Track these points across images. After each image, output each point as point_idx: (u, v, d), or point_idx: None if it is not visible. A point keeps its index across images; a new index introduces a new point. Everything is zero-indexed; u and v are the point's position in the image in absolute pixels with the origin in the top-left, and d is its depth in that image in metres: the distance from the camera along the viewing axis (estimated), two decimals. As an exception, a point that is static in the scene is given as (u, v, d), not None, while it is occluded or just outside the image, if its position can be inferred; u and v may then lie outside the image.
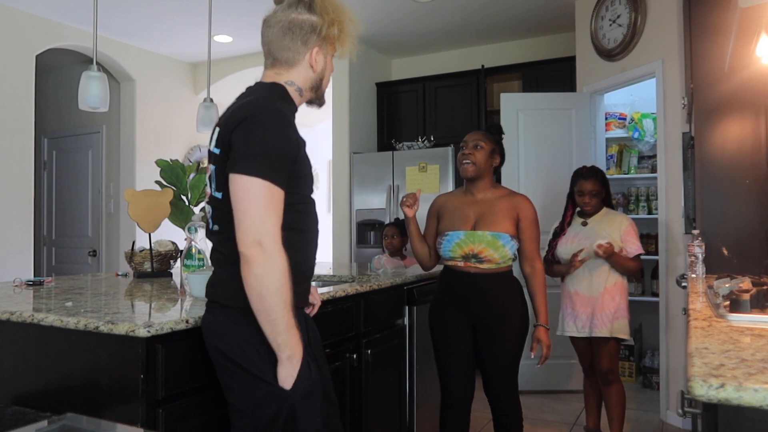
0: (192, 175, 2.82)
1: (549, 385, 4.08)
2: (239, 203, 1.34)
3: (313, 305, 1.76)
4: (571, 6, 4.47)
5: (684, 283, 2.50)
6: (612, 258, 2.85)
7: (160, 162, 2.80)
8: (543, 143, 4.19)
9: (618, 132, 4.51)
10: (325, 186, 7.62)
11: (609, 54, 3.99)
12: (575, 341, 3.04)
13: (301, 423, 1.40)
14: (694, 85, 2.81)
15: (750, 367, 0.98)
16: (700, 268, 2.43)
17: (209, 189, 1.52)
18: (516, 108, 4.22)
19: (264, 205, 1.34)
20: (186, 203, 2.81)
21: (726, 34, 2.56)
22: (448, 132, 5.15)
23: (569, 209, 3.08)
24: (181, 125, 5.84)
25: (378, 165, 5.03)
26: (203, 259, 2.16)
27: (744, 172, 2.68)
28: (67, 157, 5.85)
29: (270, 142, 1.37)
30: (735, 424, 0.91)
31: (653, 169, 4.25)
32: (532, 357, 2.50)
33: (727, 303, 1.62)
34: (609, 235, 2.89)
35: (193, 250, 2.17)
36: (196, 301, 1.88)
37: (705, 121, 2.76)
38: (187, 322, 1.56)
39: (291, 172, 1.42)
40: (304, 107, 1.62)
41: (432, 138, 5.16)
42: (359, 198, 5.11)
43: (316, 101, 1.63)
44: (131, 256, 2.73)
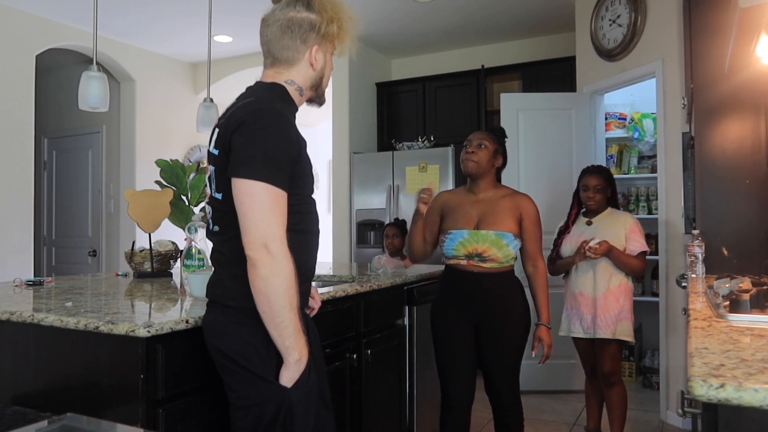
0: (192, 175, 2.82)
1: (549, 385, 4.08)
2: (243, 207, 1.34)
3: (313, 308, 1.76)
4: (571, 6, 4.47)
5: (684, 283, 2.50)
6: (612, 254, 2.84)
7: (160, 162, 2.80)
8: (543, 143, 4.19)
9: (618, 132, 4.51)
10: (325, 186, 7.61)
11: (609, 54, 3.99)
12: (578, 342, 3.04)
13: (298, 423, 1.41)
14: (694, 85, 2.81)
15: (750, 367, 0.99)
16: (700, 268, 2.43)
17: (209, 190, 1.52)
18: (516, 108, 4.23)
19: (268, 209, 1.34)
20: (186, 203, 2.81)
21: (726, 34, 2.56)
22: (448, 132, 5.15)
23: (574, 207, 3.08)
24: (181, 125, 5.84)
25: (378, 165, 5.03)
26: (203, 259, 2.16)
27: (744, 172, 2.68)
28: (67, 157, 5.85)
29: (271, 144, 1.36)
30: (735, 424, 0.91)
31: (653, 169, 4.25)
32: (533, 356, 2.50)
33: (727, 303, 1.62)
34: (614, 234, 2.88)
35: (193, 250, 2.17)
36: (196, 301, 1.88)
37: (705, 121, 2.76)
38: (187, 322, 1.56)
39: (292, 172, 1.41)
40: (304, 106, 1.61)
41: (432, 138, 5.16)
42: (359, 198, 5.11)
43: (316, 100, 1.62)
44: (131, 256, 2.73)
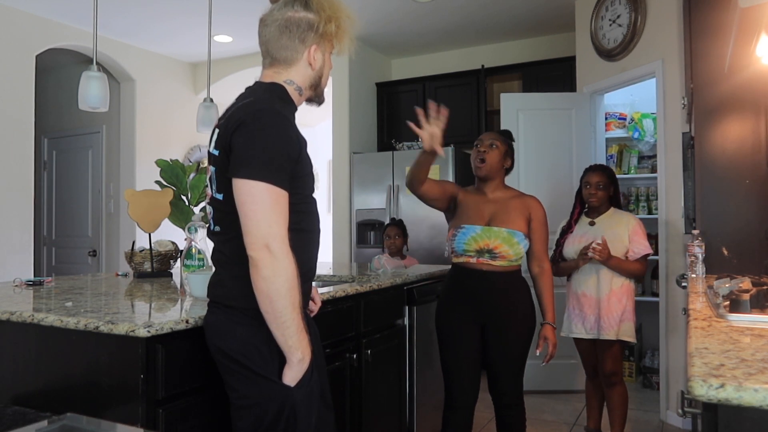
0: (192, 175, 2.82)
1: (549, 385, 4.08)
2: (244, 208, 1.34)
3: (312, 311, 1.76)
4: (571, 6, 4.47)
5: (684, 283, 2.50)
6: (612, 263, 2.83)
7: (160, 162, 2.80)
8: (543, 143, 4.19)
9: (618, 132, 4.51)
10: (325, 186, 7.61)
11: (609, 54, 3.99)
12: (580, 343, 3.03)
13: (300, 422, 1.41)
14: (694, 85, 2.81)
15: (750, 367, 0.98)
16: (700, 268, 2.43)
17: (210, 190, 1.52)
18: (516, 108, 4.22)
19: (269, 209, 1.34)
20: (186, 203, 2.81)
21: (726, 34, 2.56)
22: (448, 132, 5.06)
23: (577, 207, 3.09)
24: (181, 125, 5.84)
25: (378, 165, 5.03)
26: (203, 259, 2.16)
27: (744, 172, 2.68)
28: (67, 157, 5.85)
29: (271, 144, 1.36)
30: (735, 424, 0.91)
31: (653, 169, 4.25)
32: (537, 354, 2.50)
33: (727, 303, 1.62)
34: (617, 235, 2.88)
35: (193, 250, 2.17)
36: (196, 301, 1.88)
37: (705, 121, 2.76)
38: (187, 322, 1.56)
39: (293, 172, 1.41)
40: (303, 106, 1.61)
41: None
42: (359, 198, 5.11)
43: (315, 99, 1.62)
44: (131, 256, 2.73)
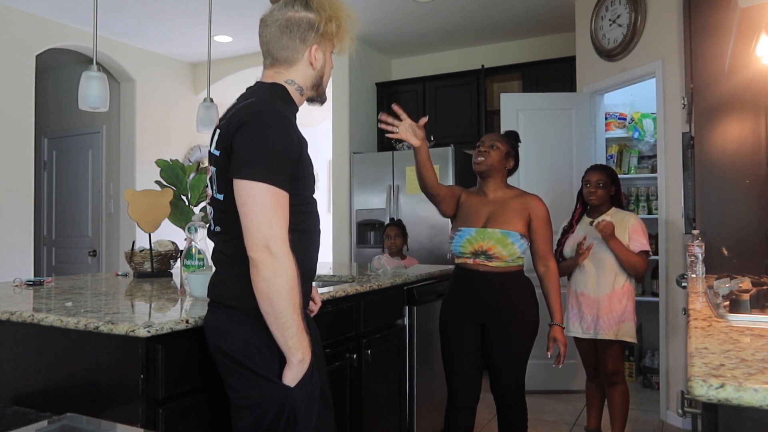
0: (192, 175, 2.82)
1: (549, 385, 4.08)
2: (245, 208, 1.34)
3: (312, 311, 1.76)
4: (571, 6, 4.47)
5: (684, 283, 2.50)
6: (614, 243, 2.82)
7: (160, 162, 2.80)
8: (543, 143, 4.19)
9: (618, 132, 4.51)
10: (325, 186, 7.61)
11: (609, 54, 3.99)
12: (579, 343, 3.03)
13: (301, 422, 1.41)
14: (694, 85, 2.81)
15: (750, 367, 0.99)
16: (700, 268, 2.43)
17: (210, 190, 1.52)
18: (516, 108, 4.23)
19: (270, 210, 1.34)
20: (186, 203, 2.81)
21: (726, 34, 2.56)
22: (448, 132, 5.14)
23: (578, 207, 3.09)
24: (181, 125, 5.84)
25: (378, 165, 5.03)
26: (203, 259, 2.16)
27: (744, 172, 2.68)
28: (67, 157, 5.85)
29: (272, 145, 1.36)
30: (735, 424, 0.91)
31: (653, 169, 4.25)
32: (548, 357, 2.49)
33: (727, 303, 1.62)
34: (618, 234, 2.87)
35: (193, 250, 2.17)
36: (196, 301, 1.88)
37: (705, 121, 2.76)
38: (187, 322, 1.56)
39: (293, 173, 1.41)
40: (304, 106, 1.61)
41: (432, 138, 5.14)
42: (359, 198, 5.11)
43: (317, 99, 1.62)
44: (131, 256, 2.73)
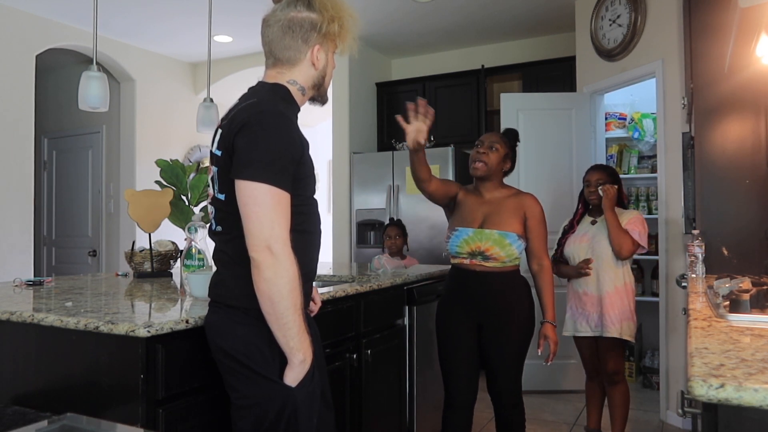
0: (192, 175, 2.82)
1: (549, 385, 4.08)
2: (246, 209, 1.34)
3: (312, 311, 1.76)
4: (571, 6, 4.47)
5: (684, 283, 2.50)
6: (609, 213, 2.80)
7: (160, 162, 2.80)
8: (543, 143, 4.19)
9: (618, 132, 4.51)
10: (325, 186, 7.61)
11: (609, 54, 3.99)
12: (581, 342, 3.02)
13: (302, 422, 1.41)
14: (694, 85, 2.81)
15: (750, 367, 0.99)
16: (700, 268, 2.43)
17: (211, 190, 1.52)
18: (516, 108, 4.23)
19: (271, 210, 1.34)
20: (186, 203, 2.81)
21: (726, 34, 2.56)
22: (448, 132, 5.14)
23: (580, 207, 3.09)
24: (181, 125, 5.84)
25: (378, 165, 5.03)
26: (203, 259, 2.16)
27: (744, 172, 2.68)
28: (67, 157, 5.85)
29: (273, 145, 1.36)
30: (735, 424, 0.91)
31: (653, 169, 4.25)
32: (539, 354, 2.49)
33: (727, 303, 1.62)
34: None
35: (193, 250, 2.16)
36: (196, 301, 1.88)
37: (705, 121, 2.76)
38: (187, 322, 1.56)
39: (295, 174, 1.41)
40: (305, 106, 1.61)
41: (432, 138, 5.14)
42: (359, 198, 5.11)
43: (318, 99, 1.62)
44: (131, 256, 2.73)
